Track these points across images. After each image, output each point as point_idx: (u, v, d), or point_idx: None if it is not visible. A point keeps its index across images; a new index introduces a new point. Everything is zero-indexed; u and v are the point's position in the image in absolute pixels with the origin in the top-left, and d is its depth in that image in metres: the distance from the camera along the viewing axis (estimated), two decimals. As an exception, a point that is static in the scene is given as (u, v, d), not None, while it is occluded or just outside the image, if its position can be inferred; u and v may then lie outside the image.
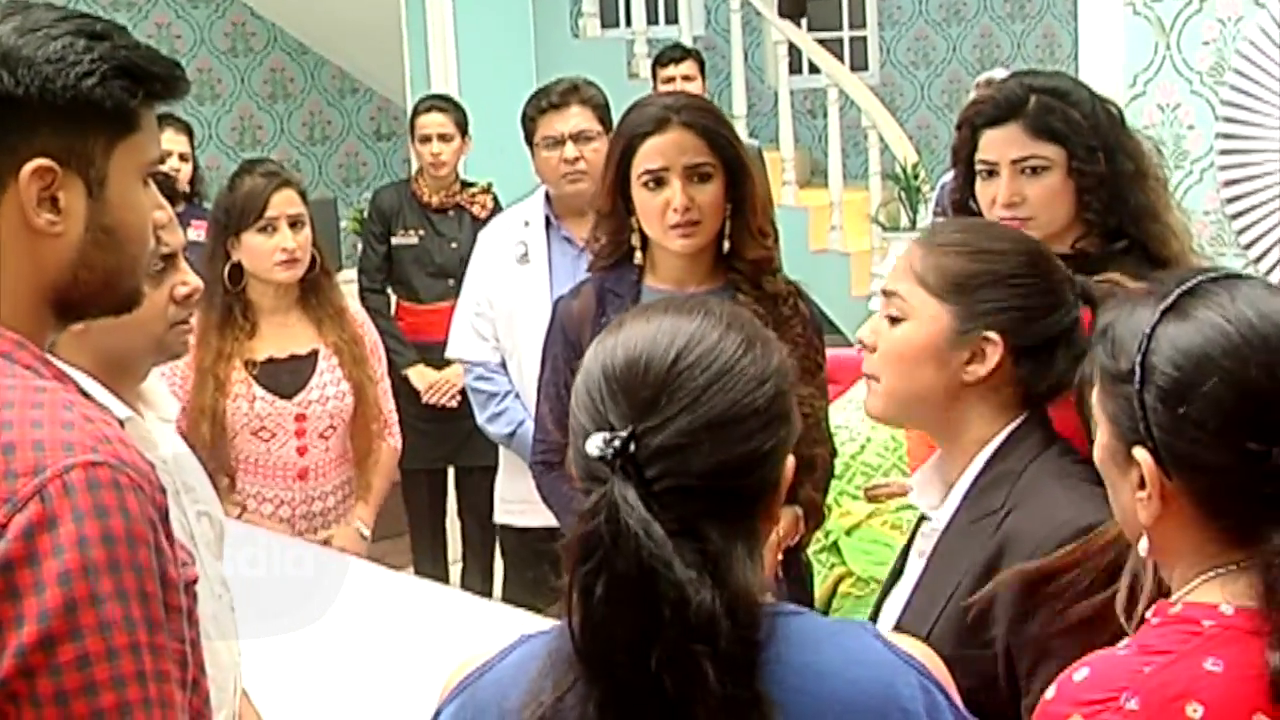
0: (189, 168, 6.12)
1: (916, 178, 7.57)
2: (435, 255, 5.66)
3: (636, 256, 3.23)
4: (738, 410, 1.56)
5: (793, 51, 8.56)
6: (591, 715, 1.52)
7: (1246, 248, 4.61)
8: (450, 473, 5.74)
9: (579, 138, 4.29)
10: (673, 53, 6.84)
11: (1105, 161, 2.79)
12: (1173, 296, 1.64)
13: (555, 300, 3.49)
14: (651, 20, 9.18)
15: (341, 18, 8.51)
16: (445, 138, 5.68)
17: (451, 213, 5.71)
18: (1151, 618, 1.65)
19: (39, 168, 1.50)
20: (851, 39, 11.15)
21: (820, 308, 3.46)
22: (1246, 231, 4.61)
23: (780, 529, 3.04)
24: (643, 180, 3.13)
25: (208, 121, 8.89)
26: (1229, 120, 4.59)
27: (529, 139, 4.41)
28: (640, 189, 3.14)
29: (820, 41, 9.18)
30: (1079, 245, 2.75)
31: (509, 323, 4.31)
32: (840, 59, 9.65)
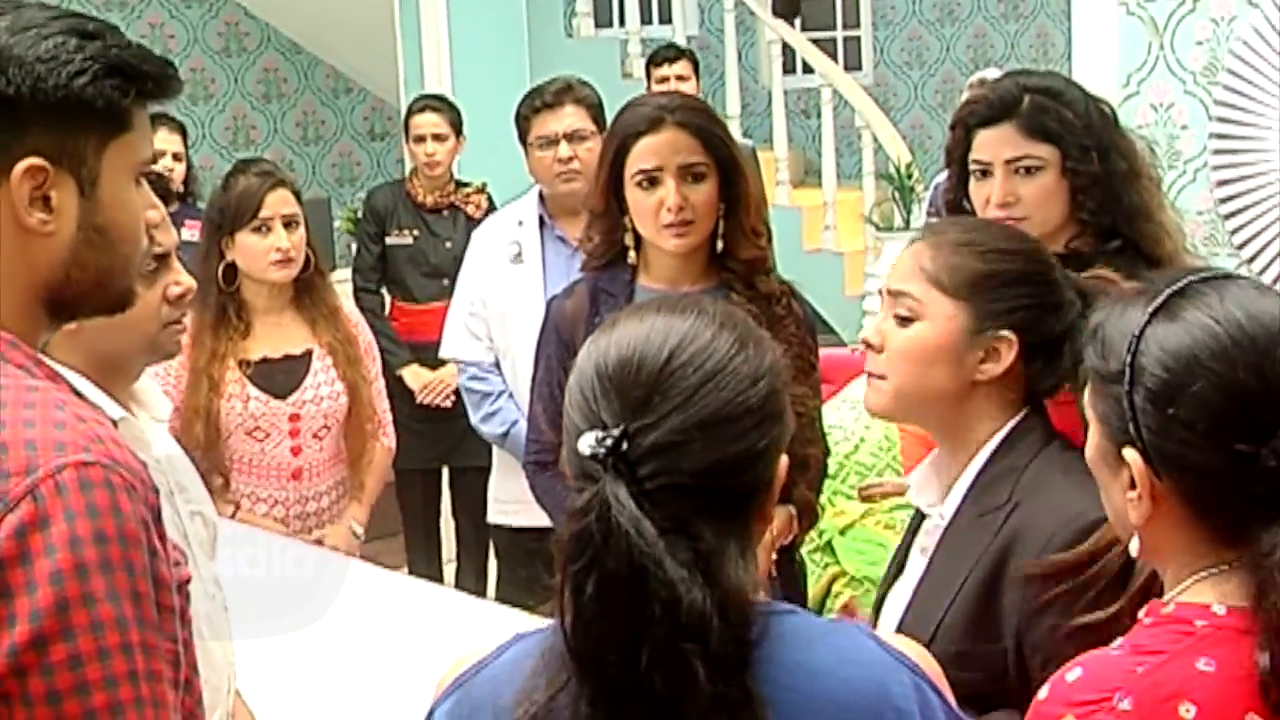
0: (183, 167, 6.11)
1: (910, 177, 7.58)
2: (430, 255, 5.66)
3: (630, 256, 3.23)
4: (730, 409, 1.56)
5: (786, 51, 8.57)
6: (584, 713, 1.52)
7: (1240, 247, 4.61)
8: (444, 473, 5.74)
9: (573, 137, 4.29)
10: (667, 52, 6.84)
11: (1099, 161, 2.79)
12: (1162, 297, 1.64)
13: (549, 300, 3.49)
14: (645, 20, 9.18)
15: (335, 17, 8.51)
16: (440, 137, 5.67)
17: (446, 213, 5.71)
18: (1144, 618, 1.65)
19: (31, 167, 1.50)
20: (845, 39, 11.15)
21: (814, 307, 3.46)
22: (1240, 231, 4.62)
23: (774, 528, 3.05)
24: (636, 180, 3.13)
25: (201, 121, 8.88)
26: (1222, 120, 4.59)
27: (523, 138, 4.41)
28: (634, 188, 3.14)
29: (814, 41, 9.18)
30: (1073, 245, 2.75)
31: (503, 322, 4.31)
32: (834, 59, 9.65)
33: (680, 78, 6.59)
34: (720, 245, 3.18)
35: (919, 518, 2.37)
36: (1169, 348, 1.61)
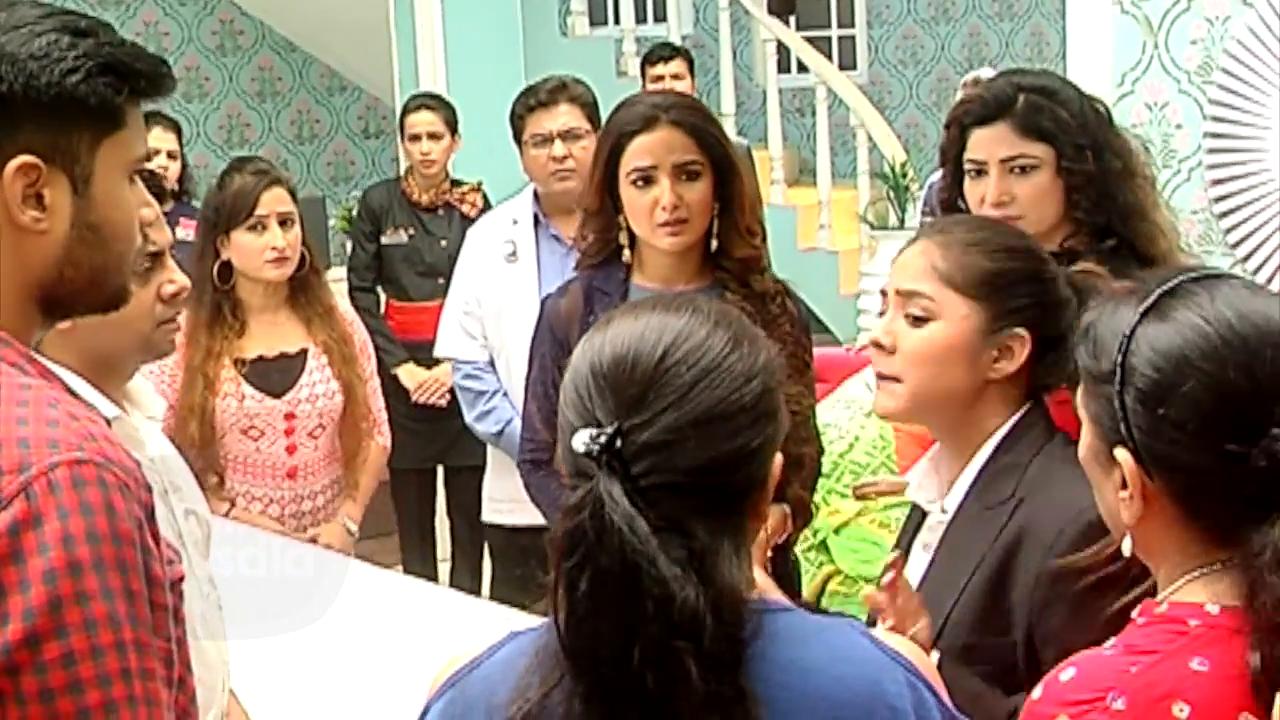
0: (177, 166, 6.11)
1: (905, 176, 7.58)
2: (425, 254, 5.65)
3: (624, 255, 3.23)
4: (725, 407, 1.55)
5: (781, 50, 8.57)
6: (577, 711, 1.52)
7: (1234, 246, 4.62)
8: (439, 472, 5.73)
9: (567, 136, 4.29)
10: (662, 51, 6.84)
11: (1093, 160, 2.79)
12: (1153, 297, 1.64)
13: (543, 299, 3.49)
14: (640, 19, 9.19)
15: (330, 16, 8.50)
16: (435, 136, 5.67)
17: (441, 211, 5.70)
18: (1137, 617, 1.65)
19: (23, 165, 1.50)
20: (840, 38, 11.16)
21: (808, 306, 3.46)
22: (1234, 230, 4.62)
23: (768, 527, 3.04)
24: (631, 178, 3.13)
25: (195, 120, 8.87)
26: (1217, 119, 4.60)
27: (517, 137, 4.41)
28: (628, 187, 3.14)
29: (809, 40, 9.19)
30: (1067, 244, 2.75)
31: (497, 321, 4.31)
32: (829, 58, 9.66)
33: (675, 76, 6.59)
34: (715, 244, 3.18)
35: (919, 515, 2.37)
36: (1159, 348, 1.61)
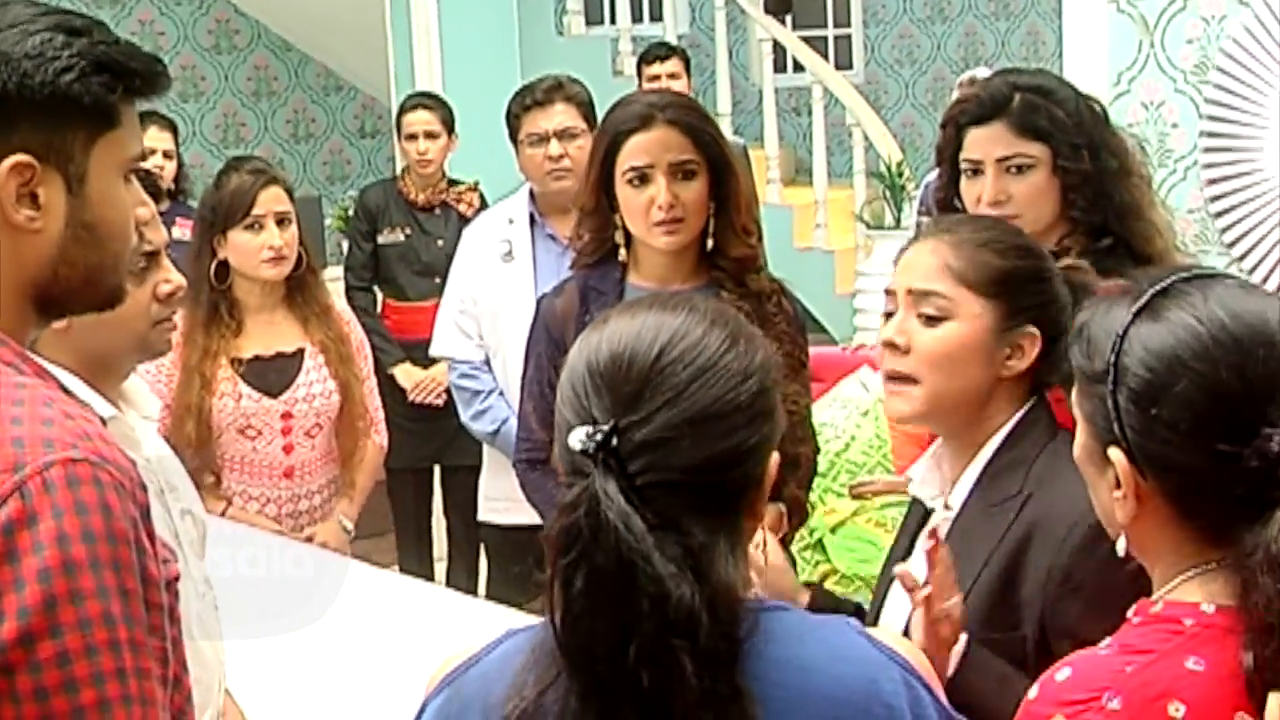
0: (173, 165, 6.10)
1: (901, 176, 7.58)
2: (422, 253, 5.65)
3: (620, 254, 3.23)
4: (721, 406, 1.56)
5: (777, 49, 8.57)
6: (573, 709, 1.52)
7: (1230, 246, 4.62)
8: (436, 471, 5.73)
9: (563, 135, 4.29)
10: (658, 50, 6.83)
11: (1089, 159, 2.79)
12: (1146, 297, 1.64)
13: (539, 298, 3.49)
14: (636, 18, 9.18)
15: (326, 15, 8.50)
16: (432, 135, 5.67)
17: (438, 211, 5.70)
18: (1133, 617, 1.65)
19: (17, 163, 1.50)
20: (836, 37, 11.15)
21: (804, 306, 3.46)
22: (1230, 230, 4.62)
23: (765, 525, 3.04)
24: (627, 177, 3.13)
25: (191, 119, 8.86)
26: (1213, 118, 4.60)
27: (513, 136, 4.40)
28: (624, 186, 3.14)
29: (805, 39, 9.19)
30: (1064, 243, 2.75)
31: (493, 320, 4.31)
32: (825, 57, 9.65)
33: (672, 76, 6.58)
34: (710, 243, 3.18)
35: (920, 511, 2.37)
36: (1152, 348, 1.61)
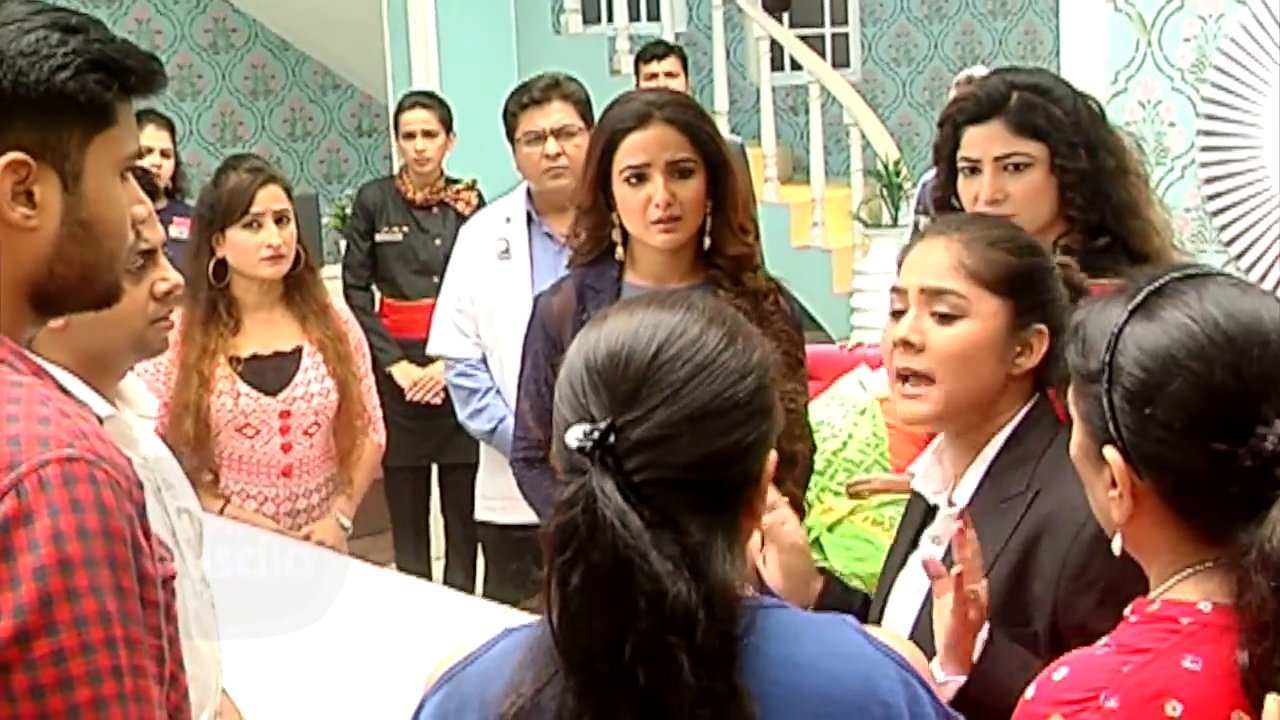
0: (170, 164, 6.11)
1: (898, 174, 7.57)
2: (419, 252, 5.65)
3: (617, 252, 3.23)
4: (718, 404, 1.55)
5: (775, 48, 8.56)
6: (570, 706, 1.52)
7: (1228, 244, 4.63)
8: (433, 470, 5.73)
9: (560, 133, 4.29)
10: (656, 49, 6.83)
11: (1087, 158, 2.80)
12: (1141, 296, 1.64)
13: (536, 296, 3.49)
14: (633, 16, 9.18)
15: (323, 14, 8.49)
16: (429, 134, 5.67)
17: (436, 209, 5.71)
18: (1130, 616, 1.65)
19: (13, 161, 1.50)
20: (833, 35, 11.15)
21: (802, 304, 3.46)
22: (1228, 228, 4.63)
23: (762, 525, 3.04)
24: (624, 176, 3.13)
25: (188, 118, 8.86)
26: (1210, 117, 4.61)
27: (510, 135, 4.40)
28: (621, 184, 3.14)
29: (802, 38, 9.18)
30: (1061, 241, 2.76)
31: (490, 319, 4.30)
32: (822, 56, 9.65)
33: (669, 74, 6.58)
34: (707, 242, 3.18)
35: (922, 508, 2.37)
36: (1147, 347, 1.61)
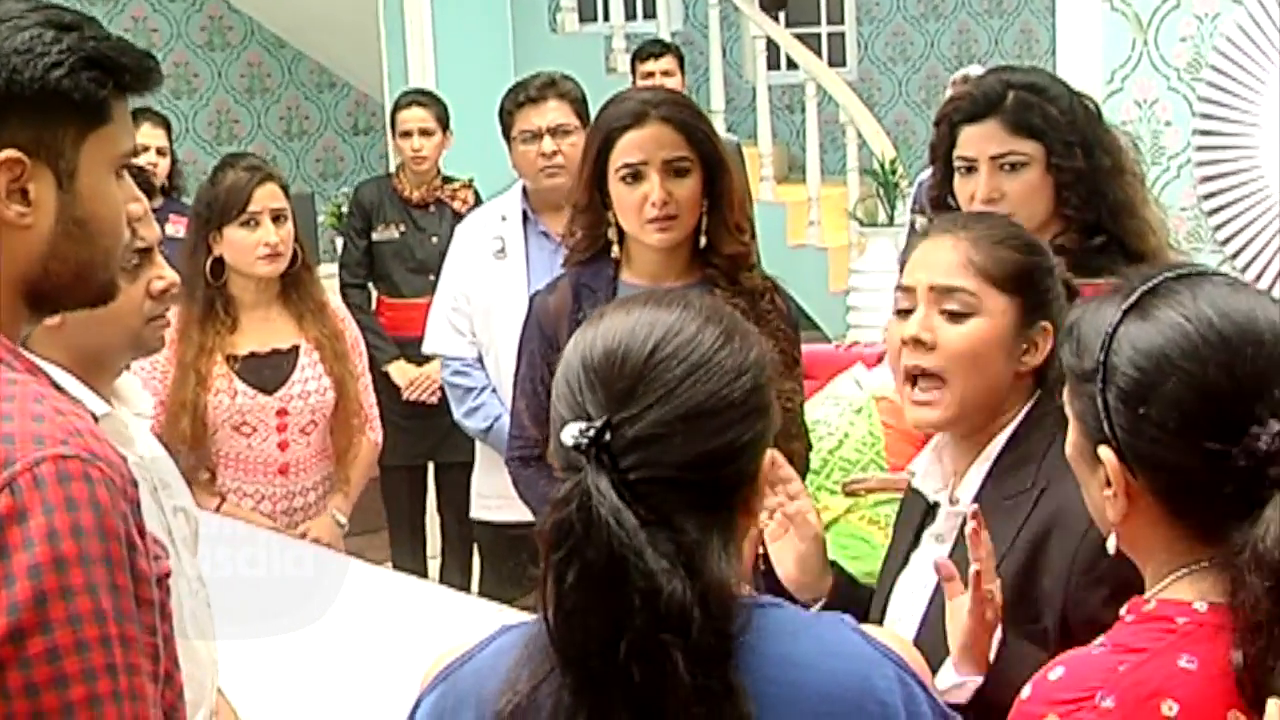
0: (167, 162, 6.11)
1: (894, 173, 7.57)
2: (416, 250, 5.66)
3: (613, 251, 3.22)
4: (714, 402, 1.55)
5: (771, 47, 8.56)
6: (566, 703, 1.52)
7: (1223, 243, 4.63)
8: (430, 469, 5.73)
9: (556, 132, 4.29)
10: (652, 48, 6.82)
11: (1083, 157, 2.80)
12: (1135, 295, 1.64)
13: (531, 295, 3.49)
14: (630, 15, 9.17)
15: (319, 12, 8.49)
16: (426, 133, 5.67)
17: (432, 208, 5.71)
18: (1125, 615, 1.65)
19: (7, 159, 1.49)
20: (829, 35, 11.15)
21: (798, 303, 3.46)
22: (1223, 227, 4.63)
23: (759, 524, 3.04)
24: (620, 174, 3.13)
25: (184, 116, 8.85)
26: (1206, 116, 4.61)
27: (506, 133, 4.40)
28: (617, 183, 3.14)
29: (798, 37, 9.17)
30: (1057, 240, 2.76)
31: (486, 318, 4.30)
32: (818, 54, 9.64)
33: (665, 73, 6.58)
34: (703, 241, 3.18)
35: (923, 507, 2.37)
36: (1141, 346, 1.61)
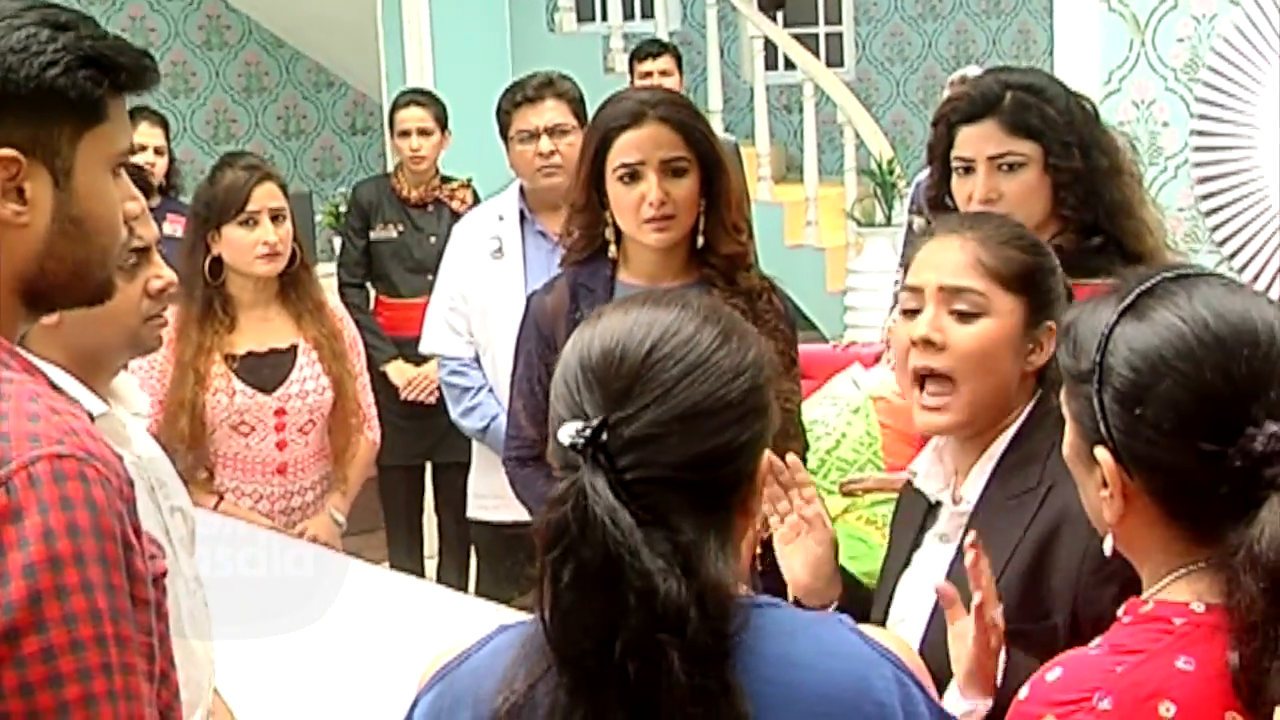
0: (164, 161, 6.10)
1: (892, 173, 7.57)
2: (414, 250, 5.65)
3: (610, 251, 3.22)
4: (711, 403, 1.55)
5: (769, 47, 8.56)
6: (563, 703, 1.52)
7: (1220, 244, 4.63)
8: (427, 468, 5.73)
9: (554, 131, 4.29)
10: (650, 48, 6.82)
11: (1081, 158, 2.80)
12: (1131, 296, 1.64)
13: (529, 295, 3.49)
14: (628, 15, 9.17)
15: (317, 11, 8.49)
16: (425, 132, 5.67)
17: (431, 207, 5.71)
18: (1123, 616, 1.65)
19: (3, 158, 1.49)
20: (827, 35, 11.14)
21: (795, 303, 3.46)
22: (1220, 228, 4.63)
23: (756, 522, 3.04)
24: (618, 174, 3.13)
25: (182, 115, 8.85)
26: (1203, 117, 4.61)
27: (504, 133, 4.40)
28: (615, 183, 3.13)
29: (796, 37, 9.17)
30: (1055, 241, 2.75)
31: (483, 317, 4.30)
32: (816, 55, 9.64)
33: (663, 73, 6.57)
34: (701, 241, 3.18)
35: (924, 506, 2.37)
36: (1136, 347, 1.61)
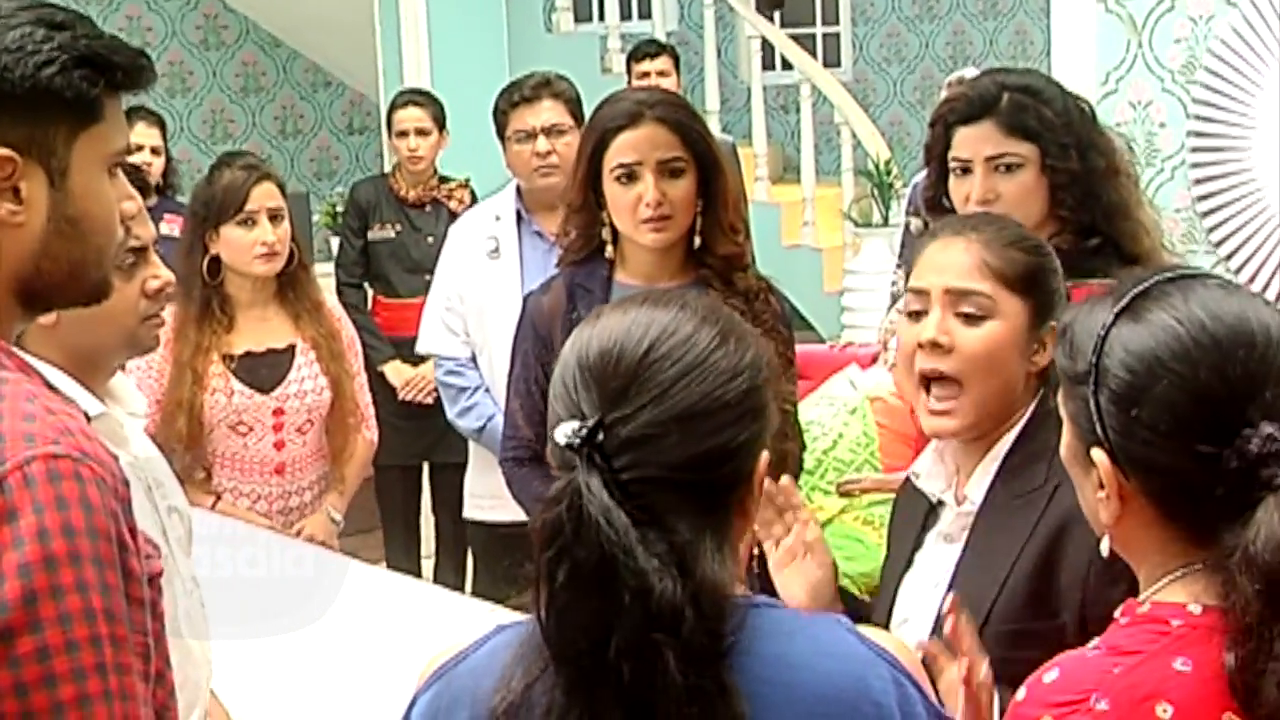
0: (161, 161, 6.09)
1: (889, 174, 7.58)
2: (412, 250, 5.65)
3: (607, 251, 3.22)
4: (707, 404, 1.55)
5: (766, 47, 8.57)
6: (559, 702, 1.52)
7: (1217, 245, 4.64)
8: (424, 469, 5.72)
9: (550, 131, 4.29)
10: (648, 48, 6.82)
11: (1078, 159, 2.80)
12: (1127, 298, 1.64)
13: (526, 295, 3.48)
14: (625, 15, 9.18)
15: (314, 11, 8.49)
16: (423, 132, 5.66)
17: (429, 208, 5.70)
18: (1120, 618, 1.65)
19: (-1, 157, 1.49)
20: (824, 35, 11.15)
21: (792, 303, 3.46)
22: (1217, 229, 4.64)
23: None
24: (615, 174, 3.13)
25: (179, 115, 8.85)
26: (1200, 118, 4.61)
27: (500, 133, 4.40)
28: (612, 183, 3.13)
29: (793, 37, 9.18)
30: (1052, 242, 2.75)
31: (480, 318, 4.30)
32: (813, 55, 9.65)
33: (661, 73, 6.57)
34: (698, 241, 3.18)
35: (925, 506, 2.37)
36: (1132, 349, 1.61)
